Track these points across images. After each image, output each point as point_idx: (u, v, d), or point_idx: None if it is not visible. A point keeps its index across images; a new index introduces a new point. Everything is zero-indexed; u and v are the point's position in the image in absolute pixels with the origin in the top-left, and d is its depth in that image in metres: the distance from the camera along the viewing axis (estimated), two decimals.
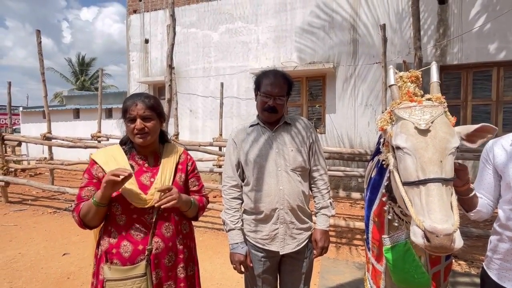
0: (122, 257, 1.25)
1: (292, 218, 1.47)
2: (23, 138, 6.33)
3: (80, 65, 29.77)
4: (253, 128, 1.55)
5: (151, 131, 1.30)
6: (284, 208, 1.45)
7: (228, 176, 1.53)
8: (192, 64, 8.25)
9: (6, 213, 4.94)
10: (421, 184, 0.97)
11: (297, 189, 1.47)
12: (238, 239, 1.48)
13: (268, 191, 1.45)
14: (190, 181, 1.42)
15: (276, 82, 1.45)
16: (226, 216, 1.51)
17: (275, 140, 1.49)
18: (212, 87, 8.00)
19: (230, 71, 7.78)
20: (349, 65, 6.75)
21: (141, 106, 1.28)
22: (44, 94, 6.83)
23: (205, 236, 4.02)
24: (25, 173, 8.77)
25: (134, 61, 9.04)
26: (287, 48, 7.23)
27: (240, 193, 1.53)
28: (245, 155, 1.50)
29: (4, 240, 3.79)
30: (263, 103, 1.46)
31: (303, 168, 1.50)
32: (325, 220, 1.53)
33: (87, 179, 1.28)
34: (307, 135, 1.53)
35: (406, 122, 1.08)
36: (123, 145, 1.37)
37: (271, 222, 1.47)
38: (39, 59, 6.56)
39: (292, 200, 1.46)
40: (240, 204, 1.53)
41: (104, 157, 1.30)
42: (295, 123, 1.56)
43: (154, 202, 1.25)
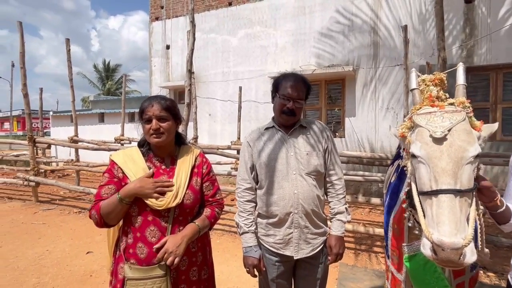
0: (139, 258, 1.27)
1: (306, 222, 1.45)
2: (52, 141, 6.66)
3: (106, 71, 31.06)
4: (268, 131, 1.55)
5: (166, 131, 1.31)
6: (298, 212, 1.44)
7: (242, 179, 1.53)
8: (212, 68, 8.37)
9: (36, 212, 5.20)
10: (433, 195, 0.94)
11: (312, 193, 1.45)
12: (252, 243, 1.47)
13: (282, 194, 1.44)
14: (204, 185, 1.42)
15: (296, 85, 1.45)
16: (239, 219, 1.50)
17: (290, 143, 1.48)
18: (231, 91, 8.07)
19: (248, 75, 7.83)
20: (370, 68, 6.61)
21: (157, 107, 1.30)
22: (72, 99, 7.18)
23: (222, 239, 4.04)
24: (54, 174, 9.20)
25: (155, 67, 9.30)
26: (306, 52, 7.19)
27: (254, 196, 1.52)
28: (259, 158, 1.49)
29: (34, 237, 3.98)
30: (282, 105, 1.45)
31: (318, 172, 1.48)
32: (340, 225, 1.50)
33: (108, 178, 1.31)
34: (323, 139, 1.52)
35: (422, 129, 1.04)
36: (141, 147, 1.40)
37: (285, 226, 1.45)
38: (67, 66, 6.91)
39: (307, 204, 1.44)
40: (254, 207, 1.52)
41: (122, 158, 1.33)
42: (311, 126, 1.54)
43: (170, 203, 1.26)
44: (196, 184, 1.38)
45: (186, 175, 1.35)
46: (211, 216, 1.41)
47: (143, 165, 1.32)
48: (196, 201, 1.36)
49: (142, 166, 1.32)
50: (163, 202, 1.26)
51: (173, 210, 1.29)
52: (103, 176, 1.33)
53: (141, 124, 1.34)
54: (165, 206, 1.26)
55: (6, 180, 6.24)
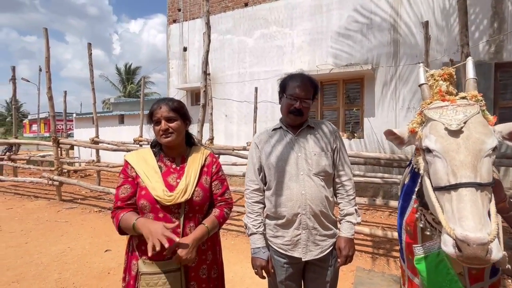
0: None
1: (315, 223, 1.45)
2: (74, 142, 6.97)
3: (126, 74, 32.10)
4: (276, 132, 1.55)
5: (176, 131, 1.36)
6: (306, 213, 1.44)
7: (250, 180, 1.54)
8: (228, 69, 8.47)
9: (59, 210, 5.46)
10: (452, 189, 0.91)
11: (320, 194, 1.45)
12: (260, 244, 1.47)
13: (290, 195, 1.44)
14: (213, 184, 1.45)
15: (303, 85, 1.45)
16: (248, 220, 1.52)
17: (297, 144, 1.48)
18: (247, 91, 8.13)
19: (264, 76, 7.86)
20: (389, 67, 6.46)
21: (165, 108, 1.35)
22: (93, 102, 7.49)
23: (237, 240, 4.06)
24: (77, 174, 9.61)
25: (173, 69, 9.52)
26: (323, 51, 7.13)
27: (262, 197, 1.54)
28: (267, 159, 1.50)
29: (57, 234, 4.19)
30: (289, 105, 1.46)
31: (327, 172, 1.48)
32: (350, 227, 1.48)
33: (123, 178, 1.37)
34: (332, 139, 1.51)
35: (436, 123, 1.02)
36: (153, 148, 1.45)
37: (293, 228, 1.45)
38: (89, 69, 7.22)
39: (315, 205, 1.44)
40: (262, 208, 1.53)
41: (135, 158, 1.40)
42: (319, 127, 1.54)
43: (180, 199, 1.30)
44: (205, 182, 1.41)
45: (195, 172, 1.39)
46: (219, 216, 1.43)
47: (154, 164, 1.38)
48: (205, 198, 1.39)
49: (152, 165, 1.37)
50: (172, 197, 1.30)
51: (183, 207, 1.33)
52: (119, 177, 1.40)
53: (151, 126, 1.40)
54: (173, 201, 1.30)
55: (33, 180, 6.60)
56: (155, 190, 1.31)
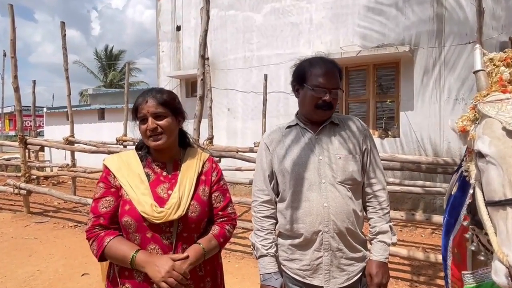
0: (135, 281, 1.31)
1: (339, 244, 1.44)
2: (45, 142, 7.10)
3: (107, 59, 32.53)
4: (291, 130, 1.55)
5: (166, 130, 1.34)
6: (329, 231, 1.43)
7: (259, 189, 1.54)
8: (231, 53, 8.49)
9: (27, 225, 5.57)
10: (508, 205, 0.90)
11: (347, 207, 1.43)
12: (271, 268, 1.46)
13: (309, 209, 1.43)
14: (213, 195, 1.44)
15: (330, 72, 1.45)
16: (256, 239, 1.51)
17: (318, 145, 1.48)
18: (254, 80, 8.13)
19: (276, 60, 7.85)
20: (432, 48, 6.39)
21: (152, 102, 1.33)
22: (68, 93, 7.61)
23: (243, 262, 4.08)
24: (48, 181, 9.77)
25: (164, 52, 9.60)
26: (348, 29, 7.09)
27: (274, 211, 1.53)
28: (280, 163, 1.49)
29: (24, 254, 4.27)
30: (315, 99, 1.45)
31: (355, 180, 1.47)
32: (383, 249, 1.47)
33: (104, 188, 1.36)
34: (361, 139, 1.50)
35: (492, 120, 1.00)
36: (138, 150, 1.45)
37: (313, 249, 1.44)
38: (63, 53, 7.33)
39: (340, 221, 1.42)
40: (274, 225, 1.53)
41: (117, 163, 1.39)
42: (345, 123, 1.53)
43: (171, 217, 1.30)
44: (203, 194, 1.40)
45: (191, 182, 1.38)
46: (219, 235, 1.42)
47: (140, 171, 1.37)
48: (203, 214, 1.39)
49: (138, 172, 1.37)
50: (162, 214, 1.29)
51: (176, 225, 1.32)
52: (98, 186, 1.38)
53: (136, 124, 1.39)
54: (164, 219, 1.29)
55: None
56: (141, 205, 1.30)
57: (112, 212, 1.34)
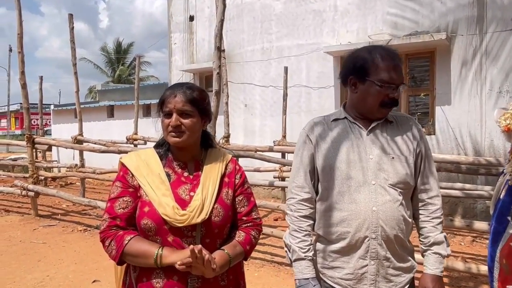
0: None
1: (387, 252, 1.42)
2: (53, 142, 7.31)
3: (116, 53, 33.20)
4: (338, 123, 1.53)
5: (189, 130, 1.36)
6: (377, 238, 1.41)
7: (298, 186, 1.52)
8: (248, 44, 8.51)
9: (35, 228, 5.74)
10: None
11: (397, 213, 1.42)
12: (309, 274, 1.45)
13: (356, 211, 1.41)
14: (237, 199, 1.45)
15: (398, 65, 1.44)
16: (292, 241, 1.49)
17: (370, 143, 1.46)
18: (273, 73, 8.12)
19: (297, 51, 7.81)
20: (472, 35, 6.24)
21: (180, 98, 1.35)
22: (76, 89, 7.79)
23: (262, 271, 4.09)
24: (55, 182, 10.05)
25: (176, 45, 9.71)
26: (377, 16, 7.01)
27: (313, 211, 1.52)
28: (325, 159, 1.48)
29: (33, 259, 4.41)
30: (383, 95, 1.42)
31: (407, 184, 1.45)
32: (438, 261, 1.45)
33: (121, 187, 1.37)
34: (416, 141, 1.49)
35: None
36: (158, 148, 1.47)
37: (358, 256, 1.43)
38: (71, 47, 7.51)
39: (389, 227, 1.40)
40: (311, 226, 1.52)
41: (135, 162, 1.41)
42: (399, 122, 1.52)
43: (194, 220, 1.32)
44: (226, 198, 1.41)
45: (214, 184, 1.39)
46: (245, 242, 1.42)
47: (160, 171, 1.38)
48: (226, 218, 1.40)
49: (158, 172, 1.39)
50: (185, 217, 1.30)
51: (199, 229, 1.34)
52: (114, 186, 1.39)
53: (160, 117, 1.40)
54: (187, 223, 1.30)
55: (3, 189, 6.99)
56: (162, 207, 1.31)
57: (130, 214, 1.36)
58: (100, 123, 12.35)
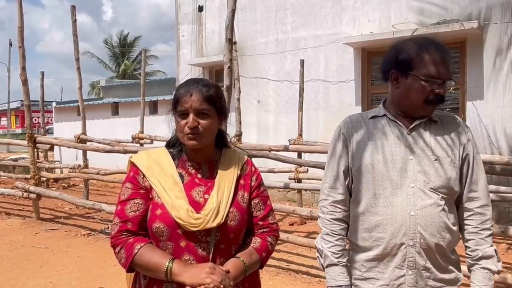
0: None
1: (427, 262, 1.40)
2: (55, 141, 7.43)
3: (121, 47, 33.61)
4: (376, 120, 1.53)
5: (207, 131, 1.37)
6: (415, 245, 1.39)
7: (331, 186, 1.53)
8: (261, 36, 8.50)
9: (37, 232, 5.85)
10: None
11: (438, 219, 1.40)
12: (342, 281, 1.45)
13: (392, 216, 1.41)
14: (253, 202, 1.46)
15: (446, 59, 1.43)
16: (324, 245, 1.50)
17: (411, 143, 1.46)
18: (289, 67, 8.10)
19: (314, 43, 7.78)
20: (507, 23, 6.15)
21: (197, 96, 1.35)
22: (79, 85, 7.91)
23: (277, 279, 4.09)
24: (58, 184, 10.23)
25: (184, 37, 9.76)
26: (401, 3, 6.95)
27: (347, 214, 1.52)
28: (360, 158, 1.48)
29: (35, 265, 4.49)
30: (428, 91, 1.41)
31: (451, 190, 1.43)
32: (487, 277, 1.42)
33: (132, 189, 1.38)
34: (463, 143, 1.48)
35: None
36: (170, 148, 1.48)
37: (394, 265, 1.42)
38: (73, 41, 7.63)
39: (429, 234, 1.39)
40: (345, 230, 1.52)
41: (146, 161, 1.42)
42: (445, 121, 1.51)
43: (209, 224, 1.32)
44: (242, 201, 1.43)
45: (230, 187, 1.40)
46: (262, 249, 1.43)
47: (173, 172, 1.40)
48: (242, 223, 1.40)
49: (171, 173, 1.39)
50: (200, 221, 1.31)
51: (214, 234, 1.35)
52: (124, 187, 1.40)
53: (174, 117, 1.41)
54: (201, 227, 1.30)
55: (3, 191, 7.12)
56: (176, 209, 1.32)
57: (142, 217, 1.37)
58: (104, 121, 12.51)
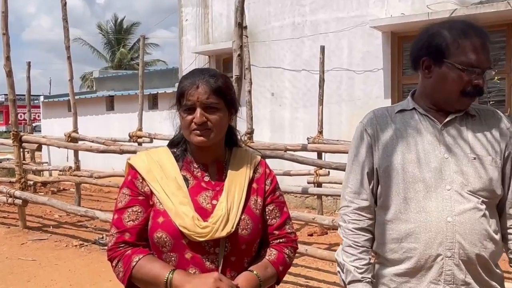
0: None
1: (466, 276, 1.39)
2: (43, 140, 7.51)
3: (116, 33, 33.88)
4: (404, 115, 1.54)
5: (216, 127, 1.37)
6: (453, 257, 1.39)
7: (354, 191, 1.54)
8: (275, 19, 8.49)
9: (23, 243, 5.94)
10: None
11: (479, 226, 1.39)
12: None
13: (426, 223, 1.40)
14: (267, 208, 1.47)
15: (485, 45, 1.43)
16: (346, 259, 1.50)
17: (445, 140, 1.46)
18: (307, 54, 8.08)
19: (336, 27, 7.75)
20: None
21: (204, 89, 1.36)
22: (70, 77, 8.01)
23: None
24: (47, 188, 10.36)
25: (188, 22, 9.80)
26: None
27: (372, 222, 1.53)
28: (387, 158, 1.49)
29: (22, 279, 4.56)
30: (465, 82, 1.42)
31: (493, 193, 1.43)
32: None
33: (129, 195, 1.40)
34: (505, 140, 1.48)
35: None
36: (173, 148, 1.49)
37: (428, 280, 1.41)
38: (63, 27, 7.72)
39: (470, 244, 1.38)
40: (370, 241, 1.53)
41: (146, 163, 1.43)
42: (483, 116, 1.51)
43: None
44: (255, 207, 1.43)
45: (241, 191, 1.41)
46: (278, 262, 1.44)
47: (176, 174, 1.41)
48: (256, 232, 1.41)
49: (174, 176, 1.39)
50: (207, 230, 1.31)
51: (223, 245, 1.35)
52: (121, 193, 1.42)
53: (178, 112, 1.43)
54: (209, 236, 1.31)
55: None
56: (180, 217, 1.33)
57: (141, 226, 1.38)
58: (98, 117, 12.61)
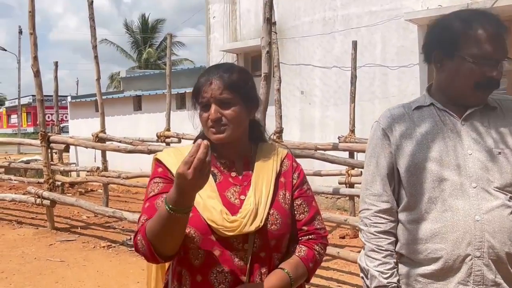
0: None
1: (496, 276, 1.39)
2: (71, 140, 7.71)
3: (143, 32, 34.49)
4: (422, 111, 1.54)
5: (232, 122, 1.38)
6: (482, 256, 1.38)
7: (374, 194, 1.55)
8: (305, 15, 8.47)
9: (51, 244, 6.11)
10: None
11: (509, 224, 1.39)
12: None
13: (453, 222, 1.40)
14: (295, 203, 1.47)
15: (499, 35, 1.42)
16: (370, 264, 1.51)
17: (467, 135, 1.46)
18: (338, 50, 8.04)
19: (369, 21, 7.70)
20: None
21: (217, 84, 1.37)
22: (97, 77, 8.19)
23: None
24: (74, 189, 10.62)
25: (215, 19, 9.88)
26: None
27: (395, 224, 1.53)
28: (408, 158, 1.49)
29: (50, 280, 4.69)
30: (478, 75, 1.42)
31: None
32: None
33: (162, 182, 1.42)
34: None
35: None
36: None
37: (456, 281, 1.41)
38: (90, 27, 7.90)
39: (499, 242, 1.38)
40: (394, 244, 1.53)
41: (174, 159, 1.45)
42: (504, 107, 1.50)
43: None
44: (284, 201, 1.44)
45: (269, 185, 1.42)
46: (308, 259, 1.44)
47: None
48: (285, 227, 1.41)
49: None
50: (236, 224, 1.32)
51: (252, 240, 1.36)
52: (152, 183, 1.44)
53: (196, 112, 1.44)
54: (238, 231, 1.32)
55: (15, 197, 7.45)
56: (208, 211, 1.34)
57: None
58: (126, 117, 12.87)
